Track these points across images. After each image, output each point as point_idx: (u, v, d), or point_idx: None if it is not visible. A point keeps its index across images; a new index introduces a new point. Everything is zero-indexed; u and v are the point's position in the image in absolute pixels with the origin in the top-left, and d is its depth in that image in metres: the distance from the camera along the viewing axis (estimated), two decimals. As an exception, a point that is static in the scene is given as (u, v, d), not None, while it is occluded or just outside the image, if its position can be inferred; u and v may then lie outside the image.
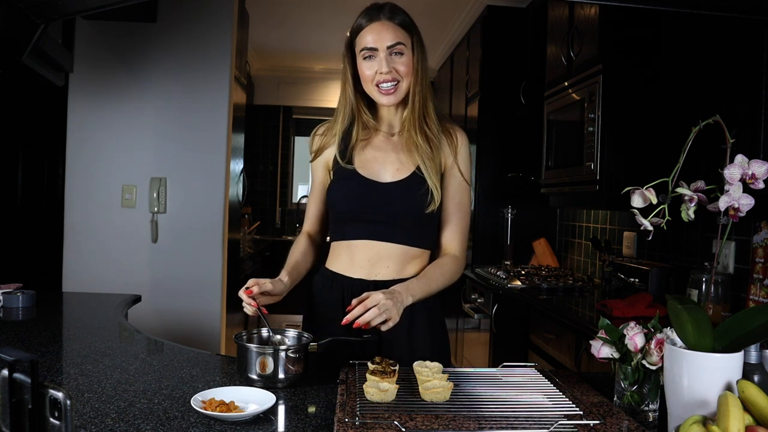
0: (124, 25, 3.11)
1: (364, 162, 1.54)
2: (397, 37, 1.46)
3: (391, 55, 1.46)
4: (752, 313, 0.99)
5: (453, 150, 1.55)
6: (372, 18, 1.47)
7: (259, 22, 4.70)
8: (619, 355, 1.14)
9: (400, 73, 1.47)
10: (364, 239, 1.52)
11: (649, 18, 2.40)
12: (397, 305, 1.32)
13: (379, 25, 1.46)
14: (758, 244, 1.91)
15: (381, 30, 1.46)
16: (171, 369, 1.40)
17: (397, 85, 1.47)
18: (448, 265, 1.52)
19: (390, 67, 1.46)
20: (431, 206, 1.48)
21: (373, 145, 1.57)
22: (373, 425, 0.98)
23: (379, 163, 1.54)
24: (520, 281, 3.01)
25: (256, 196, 6.43)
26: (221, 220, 3.20)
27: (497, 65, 3.84)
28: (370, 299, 1.30)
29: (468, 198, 1.59)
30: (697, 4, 1.75)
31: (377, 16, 1.47)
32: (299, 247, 1.62)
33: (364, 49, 1.47)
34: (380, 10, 1.48)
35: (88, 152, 3.15)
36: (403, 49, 1.47)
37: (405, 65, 1.47)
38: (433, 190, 1.48)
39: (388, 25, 1.46)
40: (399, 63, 1.47)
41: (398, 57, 1.47)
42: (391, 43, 1.45)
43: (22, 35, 1.82)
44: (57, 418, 0.78)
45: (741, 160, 1.03)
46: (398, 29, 1.47)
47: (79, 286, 3.08)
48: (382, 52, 1.45)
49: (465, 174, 1.56)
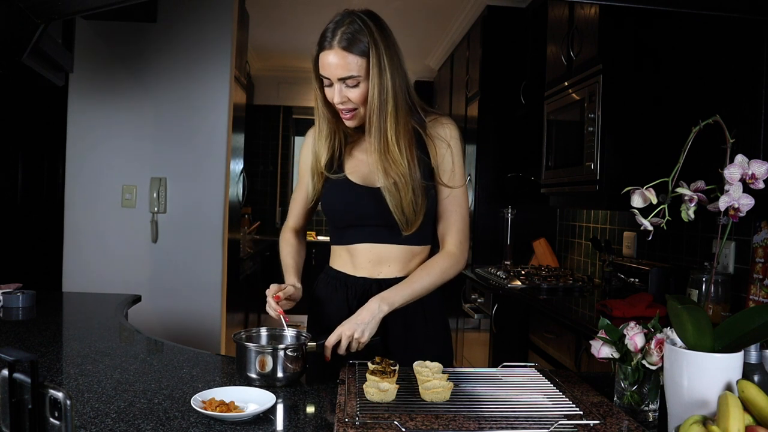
0: (124, 25, 3.11)
1: (354, 168, 1.53)
2: (348, 69, 1.37)
3: (345, 86, 1.40)
4: (752, 313, 0.99)
5: (445, 143, 1.51)
6: (322, 44, 1.40)
7: (259, 22, 4.70)
8: (619, 355, 1.14)
9: (354, 102, 1.42)
10: (364, 243, 1.52)
11: (649, 18, 2.40)
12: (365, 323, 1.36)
13: (331, 54, 1.38)
14: (758, 244, 1.91)
15: (332, 60, 1.38)
16: (171, 369, 1.40)
17: (354, 111, 1.44)
18: (437, 263, 1.50)
19: (343, 97, 1.41)
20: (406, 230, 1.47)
21: (360, 149, 1.55)
22: (373, 425, 0.98)
23: (369, 166, 1.51)
24: (520, 281, 3.01)
25: (256, 196, 6.43)
26: (221, 220, 3.20)
27: (497, 65, 3.84)
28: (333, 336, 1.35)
29: (463, 191, 1.54)
30: (697, 4, 1.75)
31: (329, 42, 1.38)
32: (292, 248, 1.64)
33: (320, 75, 1.42)
34: (335, 33, 1.38)
35: (88, 152, 3.15)
36: (357, 81, 1.39)
37: (359, 95, 1.40)
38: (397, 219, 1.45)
39: (337, 53, 1.37)
40: (352, 93, 1.40)
41: (351, 88, 1.40)
42: (341, 76, 1.38)
43: (22, 35, 1.82)
44: (57, 418, 0.78)
45: (741, 160, 1.03)
46: (351, 58, 1.37)
47: (79, 286, 3.08)
48: (336, 83, 1.40)
49: (458, 166, 1.52)
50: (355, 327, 1.36)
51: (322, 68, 1.41)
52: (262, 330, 1.42)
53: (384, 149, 1.42)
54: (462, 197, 1.54)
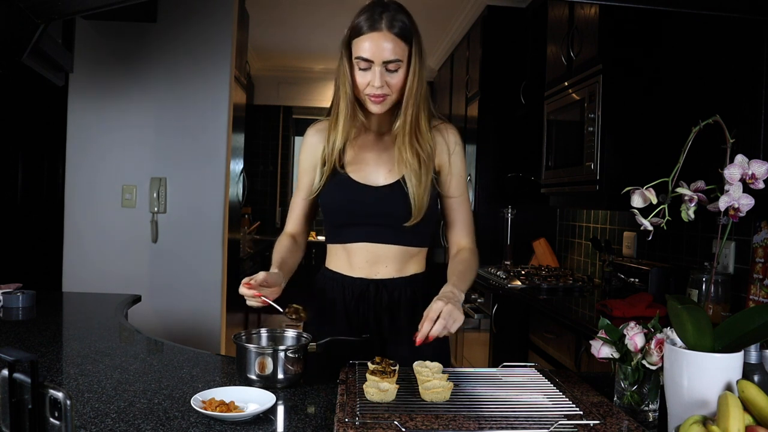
0: (124, 25, 3.11)
1: (357, 165, 1.52)
2: (395, 53, 1.39)
3: (386, 70, 1.41)
4: (752, 313, 0.99)
5: (447, 148, 1.54)
6: (372, 26, 1.39)
7: (259, 22, 4.70)
8: (619, 355, 1.14)
9: (391, 88, 1.43)
10: (361, 242, 1.52)
11: (649, 18, 2.40)
12: (456, 305, 1.31)
13: (379, 36, 1.39)
14: (758, 244, 1.91)
15: (379, 42, 1.38)
16: (171, 369, 1.40)
17: (386, 97, 1.44)
18: (470, 258, 1.53)
19: (382, 82, 1.41)
20: (411, 219, 1.46)
21: (364, 146, 1.54)
22: (373, 425, 0.98)
23: (372, 165, 1.52)
24: (520, 281, 3.01)
25: (256, 196, 6.43)
26: (221, 220, 3.20)
27: (497, 65, 3.84)
28: (432, 311, 1.28)
29: (467, 191, 1.61)
30: (697, 4, 1.75)
31: (378, 24, 1.39)
32: (283, 247, 1.56)
33: (359, 57, 1.41)
34: (382, 16, 1.39)
35: (88, 152, 3.15)
36: (398, 66, 1.41)
37: (398, 81, 1.43)
38: (413, 205, 1.46)
39: (387, 37, 1.39)
40: (392, 78, 1.42)
41: (392, 73, 1.42)
42: (387, 59, 1.40)
43: (22, 35, 1.82)
44: (57, 418, 0.78)
45: (741, 160, 1.03)
46: (397, 42, 1.40)
47: (79, 286, 3.08)
48: (378, 65, 1.40)
49: (462, 169, 1.57)
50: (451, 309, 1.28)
51: (365, 50, 1.40)
52: (263, 331, 1.41)
53: (415, 131, 1.48)
54: (468, 197, 1.61)
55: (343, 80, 1.46)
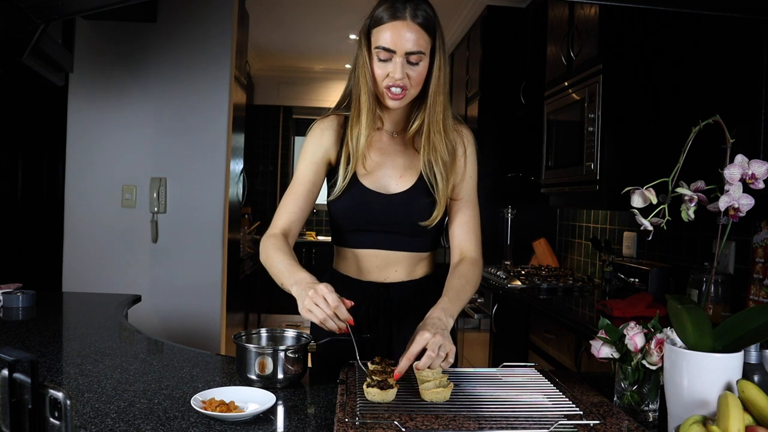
0: (124, 25, 3.11)
1: (369, 169, 1.47)
2: (418, 44, 1.34)
3: (407, 63, 1.35)
4: (752, 313, 0.99)
5: (463, 149, 1.51)
6: (395, 15, 1.34)
7: (259, 22, 4.70)
8: (619, 355, 1.14)
9: (411, 81, 1.37)
10: (370, 248, 1.50)
11: (649, 18, 2.40)
12: (444, 334, 1.21)
13: (402, 25, 1.33)
14: (758, 244, 1.91)
15: (402, 32, 1.33)
16: (171, 369, 1.40)
17: (405, 91, 1.38)
18: (470, 272, 1.45)
19: (403, 74, 1.35)
20: (433, 219, 1.44)
21: (377, 147, 1.49)
22: (373, 425, 0.98)
23: (384, 169, 1.48)
24: (520, 281, 3.01)
25: (256, 196, 6.43)
26: (221, 220, 3.20)
27: (497, 65, 3.84)
28: (415, 344, 1.17)
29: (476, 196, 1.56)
30: (697, 4, 1.75)
31: (401, 13, 1.33)
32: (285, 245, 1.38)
33: (380, 47, 1.35)
34: (405, 5, 1.33)
35: (88, 152, 3.15)
36: (420, 58, 1.35)
37: (419, 74, 1.37)
38: (439, 204, 1.43)
39: (411, 27, 1.33)
40: (413, 71, 1.36)
41: (414, 66, 1.36)
42: (410, 50, 1.34)
43: (22, 35, 1.82)
44: (57, 418, 0.78)
45: (741, 160, 1.03)
46: (420, 33, 1.34)
47: (79, 286, 3.08)
48: (400, 56, 1.34)
49: (475, 172, 1.53)
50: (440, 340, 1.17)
51: (386, 40, 1.34)
52: (263, 331, 1.41)
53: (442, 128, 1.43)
54: (477, 202, 1.55)
55: (362, 71, 1.39)
